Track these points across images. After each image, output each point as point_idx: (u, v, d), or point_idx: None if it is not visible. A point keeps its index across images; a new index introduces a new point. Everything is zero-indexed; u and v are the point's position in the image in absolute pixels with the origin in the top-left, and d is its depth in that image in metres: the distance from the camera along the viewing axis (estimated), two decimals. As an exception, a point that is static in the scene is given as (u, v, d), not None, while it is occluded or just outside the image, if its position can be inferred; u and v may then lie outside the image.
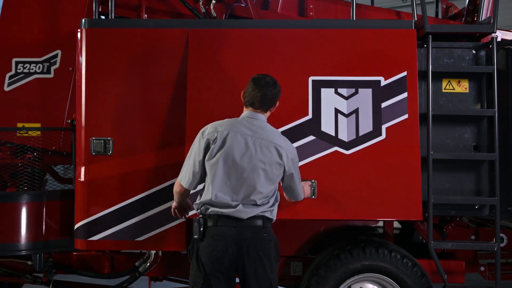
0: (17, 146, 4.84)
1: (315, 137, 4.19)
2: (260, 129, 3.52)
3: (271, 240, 3.52)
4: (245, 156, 3.45)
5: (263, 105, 3.59)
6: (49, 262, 4.70)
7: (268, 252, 3.48)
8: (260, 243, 3.46)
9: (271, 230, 3.56)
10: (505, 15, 8.77)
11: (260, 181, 3.45)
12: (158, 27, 4.34)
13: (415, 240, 5.23)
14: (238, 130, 3.49)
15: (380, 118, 4.18)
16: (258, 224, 3.46)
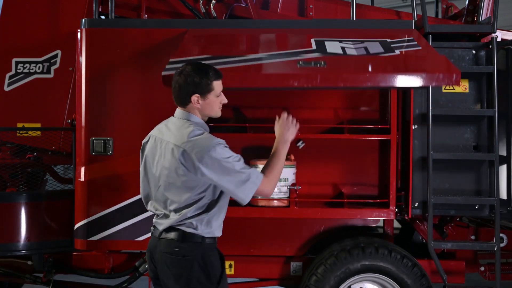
0: (17, 146, 4.84)
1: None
2: (170, 129, 3.12)
3: (185, 257, 2.98)
4: (155, 162, 3.13)
5: (175, 99, 3.14)
6: (49, 262, 4.70)
7: (180, 271, 2.99)
8: (171, 260, 3.01)
9: (192, 246, 2.99)
10: (505, 15, 8.77)
11: (170, 189, 3.04)
12: (158, 27, 4.34)
13: (415, 240, 5.23)
14: (155, 134, 3.20)
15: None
16: (171, 238, 3.02)
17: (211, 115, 3.16)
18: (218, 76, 3.11)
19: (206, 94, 3.07)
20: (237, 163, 3.00)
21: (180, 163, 2.97)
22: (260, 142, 4.56)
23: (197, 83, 3.04)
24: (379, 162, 4.58)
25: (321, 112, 4.56)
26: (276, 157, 3.16)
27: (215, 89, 3.09)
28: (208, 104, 3.10)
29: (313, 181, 4.57)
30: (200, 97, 3.07)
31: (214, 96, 3.10)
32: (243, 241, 4.63)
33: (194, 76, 3.04)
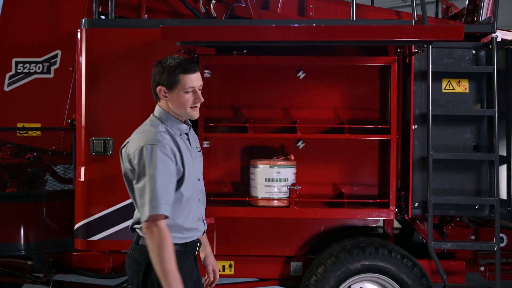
0: (17, 146, 4.84)
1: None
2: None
3: (135, 260, 2.87)
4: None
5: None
6: (49, 262, 4.71)
7: (131, 272, 2.91)
8: (127, 261, 2.96)
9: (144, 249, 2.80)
10: (505, 15, 8.77)
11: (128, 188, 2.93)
12: (158, 27, 4.33)
13: (415, 240, 5.23)
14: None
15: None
16: (133, 239, 2.97)
17: (181, 114, 2.92)
18: (188, 70, 2.85)
19: (173, 88, 2.86)
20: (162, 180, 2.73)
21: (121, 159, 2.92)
22: (260, 142, 4.57)
23: (160, 73, 2.86)
24: (379, 162, 4.58)
25: (321, 112, 4.57)
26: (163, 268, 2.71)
27: (182, 83, 2.84)
28: (175, 99, 2.87)
29: (313, 181, 4.57)
30: (167, 90, 2.87)
31: (181, 91, 2.86)
32: (243, 241, 4.63)
33: (161, 67, 2.87)
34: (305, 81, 4.56)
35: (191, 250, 2.98)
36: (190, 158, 2.95)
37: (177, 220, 2.87)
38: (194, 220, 2.97)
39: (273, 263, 4.62)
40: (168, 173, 2.77)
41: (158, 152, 2.74)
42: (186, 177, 2.88)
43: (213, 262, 3.24)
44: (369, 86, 4.57)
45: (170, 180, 2.79)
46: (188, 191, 2.90)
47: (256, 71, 4.58)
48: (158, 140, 2.78)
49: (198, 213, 3.02)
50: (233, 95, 4.60)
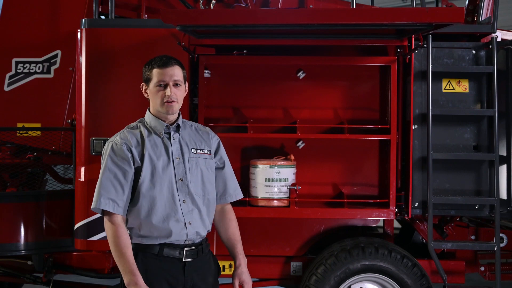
0: (17, 146, 4.84)
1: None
2: None
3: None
4: None
5: None
6: (49, 262, 4.71)
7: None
8: None
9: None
10: (505, 15, 8.78)
11: None
12: (158, 27, 4.34)
13: (415, 240, 5.23)
14: None
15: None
16: None
17: (158, 109, 2.97)
18: (162, 65, 2.92)
19: (149, 83, 2.96)
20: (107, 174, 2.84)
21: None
22: (260, 142, 4.57)
23: (144, 69, 2.98)
24: (379, 162, 4.58)
25: (321, 112, 4.57)
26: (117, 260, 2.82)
27: (153, 78, 2.92)
28: (151, 95, 2.96)
29: (313, 181, 4.57)
30: (145, 86, 2.99)
31: (152, 86, 2.93)
32: (243, 241, 4.60)
33: (145, 64, 3.00)
34: (305, 81, 4.56)
35: (168, 254, 2.91)
36: (164, 157, 2.94)
37: (142, 218, 2.88)
38: (163, 221, 2.90)
39: (273, 263, 4.62)
40: (118, 168, 2.84)
41: (110, 149, 2.88)
42: (144, 175, 2.89)
43: (240, 276, 3.14)
44: (369, 86, 4.58)
45: (121, 175, 2.85)
46: (148, 190, 2.89)
47: (256, 71, 4.58)
48: (115, 138, 2.92)
49: (172, 214, 2.92)
50: (233, 95, 4.60)
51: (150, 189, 2.90)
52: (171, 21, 3.80)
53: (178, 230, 2.92)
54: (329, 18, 3.84)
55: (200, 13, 4.32)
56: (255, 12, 4.34)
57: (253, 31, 4.30)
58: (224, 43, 4.45)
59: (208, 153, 3.10)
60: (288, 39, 4.47)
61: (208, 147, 3.12)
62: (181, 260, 2.94)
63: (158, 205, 2.91)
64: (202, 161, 3.06)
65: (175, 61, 2.98)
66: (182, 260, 2.94)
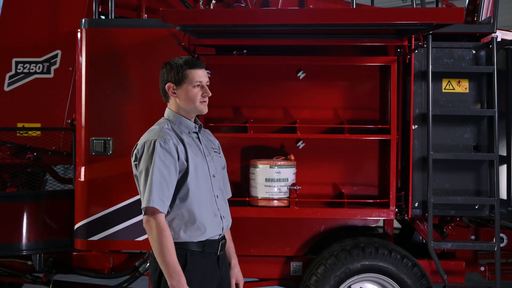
0: (17, 146, 4.84)
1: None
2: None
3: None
4: None
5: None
6: (49, 262, 4.71)
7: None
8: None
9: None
10: (505, 15, 8.77)
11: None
12: (158, 27, 4.34)
13: (415, 240, 5.23)
14: None
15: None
16: None
17: (191, 109, 3.01)
18: (194, 65, 2.97)
19: (181, 83, 2.97)
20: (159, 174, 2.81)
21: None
22: (260, 142, 4.57)
23: (169, 71, 2.99)
24: (379, 162, 4.58)
25: (321, 112, 4.57)
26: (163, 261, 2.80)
27: (189, 77, 2.95)
28: (184, 94, 2.97)
29: (313, 181, 4.57)
30: (175, 86, 2.99)
31: (189, 86, 2.96)
32: (243, 241, 4.63)
33: (169, 66, 3.01)
34: (305, 81, 4.56)
35: (209, 249, 2.96)
36: (200, 155, 2.99)
37: (191, 216, 2.91)
38: (206, 216, 2.95)
39: (273, 263, 4.62)
40: (166, 167, 2.83)
41: (158, 146, 2.84)
42: (191, 173, 2.91)
43: (237, 275, 3.20)
44: (369, 86, 4.58)
45: (168, 175, 2.84)
46: (195, 187, 2.93)
47: (256, 71, 4.58)
48: (159, 136, 2.87)
49: (212, 209, 3.00)
50: (233, 95, 4.61)
51: (196, 187, 2.93)
52: (171, 21, 3.80)
53: (217, 224, 3.02)
54: (329, 18, 3.84)
55: (200, 13, 4.32)
56: (255, 12, 4.35)
57: (253, 31, 4.30)
58: (224, 43, 4.45)
59: (219, 152, 3.22)
60: (288, 39, 4.47)
61: (217, 146, 3.24)
62: (217, 254, 3.01)
63: (204, 202, 2.96)
64: (218, 158, 3.17)
65: (203, 64, 3.08)
66: (217, 254, 3.01)
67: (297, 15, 4.02)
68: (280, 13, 4.20)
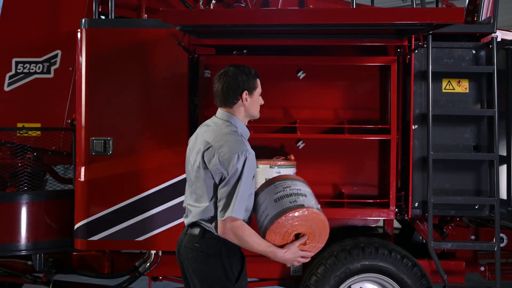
0: (17, 146, 4.84)
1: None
2: (209, 126, 3.18)
3: (203, 252, 3.03)
4: (190, 158, 3.20)
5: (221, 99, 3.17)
6: (49, 262, 4.71)
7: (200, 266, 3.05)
8: (192, 255, 3.07)
9: (212, 242, 3.03)
10: (505, 15, 8.77)
11: (196, 184, 3.10)
12: (158, 27, 4.34)
13: (415, 240, 5.23)
14: (197, 131, 3.26)
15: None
16: (193, 233, 3.09)
17: (254, 115, 3.22)
18: (258, 76, 3.21)
19: (253, 91, 3.16)
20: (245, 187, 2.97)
21: (202, 159, 3.04)
22: (261, 142, 4.57)
23: (245, 80, 3.13)
24: (379, 162, 4.58)
25: (321, 112, 4.57)
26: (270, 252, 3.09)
27: (258, 87, 3.19)
28: (254, 101, 3.18)
29: (313, 181, 4.55)
30: (248, 94, 3.15)
31: (257, 94, 3.20)
32: (243, 241, 4.62)
33: (242, 74, 3.13)
34: (305, 81, 4.56)
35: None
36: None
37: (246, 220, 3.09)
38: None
39: (273, 263, 4.58)
40: (250, 181, 3.03)
41: (248, 161, 2.99)
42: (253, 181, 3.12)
43: None
44: (369, 86, 4.58)
45: (250, 186, 3.04)
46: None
47: (256, 71, 4.57)
48: (247, 150, 3.02)
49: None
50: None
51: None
52: (171, 21, 3.80)
53: None
54: (329, 18, 3.84)
55: (200, 13, 4.32)
56: (255, 12, 4.35)
57: (253, 31, 4.30)
58: (224, 43, 4.45)
59: None
60: (288, 39, 4.47)
61: None
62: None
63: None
64: None
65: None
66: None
67: (297, 15, 4.02)
68: (280, 13, 4.20)
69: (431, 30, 4.04)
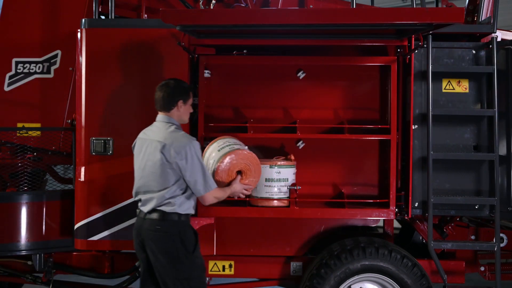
0: (17, 146, 4.84)
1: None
2: (154, 131, 3.83)
3: (166, 232, 3.71)
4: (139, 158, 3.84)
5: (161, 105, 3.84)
6: (49, 262, 4.71)
7: (163, 245, 3.71)
8: (154, 236, 3.73)
9: (170, 223, 3.71)
10: (505, 15, 8.77)
11: (153, 177, 3.73)
12: (158, 27, 4.34)
13: (415, 240, 5.23)
14: (141, 136, 3.90)
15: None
16: (153, 218, 3.73)
17: (184, 119, 3.90)
18: (192, 90, 3.97)
19: (187, 101, 3.86)
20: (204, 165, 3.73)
21: (162, 155, 3.66)
22: (260, 142, 4.57)
23: (183, 91, 3.85)
24: (379, 162, 4.58)
25: (321, 112, 4.57)
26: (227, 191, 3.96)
27: (191, 98, 3.90)
28: (186, 109, 3.87)
29: (313, 181, 4.57)
30: (183, 103, 3.84)
31: (189, 104, 3.90)
32: (243, 241, 4.63)
33: (180, 87, 3.85)
34: (305, 81, 4.56)
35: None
36: None
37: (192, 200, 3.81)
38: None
39: (273, 263, 4.62)
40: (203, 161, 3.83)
41: (196, 146, 3.72)
42: None
43: None
44: (369, 86, 4.58)
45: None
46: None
47: (256, 71, 4.59)
48: (193, 139, 3.75)
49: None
50: (233, 95, 4.61)
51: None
52: (171, 21, 3.81)
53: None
54: (329, 18, 3.84)
55: (200, 13, 4.32)
56: (255, 12, 4.35)
57: (253, 31, 4.30)
58: (224, 43, 4.45)
59: None
60: (288, 39, 4.47)
61: None
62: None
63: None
64: None
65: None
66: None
67: (297, 15, 4.02)
68: (280, 13, 4.20)
69: (431, 30, 4.04)
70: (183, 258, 3.69)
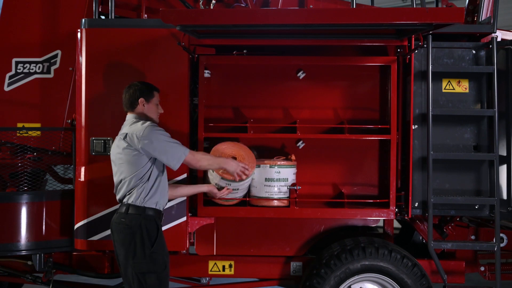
0: (17, 146, 4.84)
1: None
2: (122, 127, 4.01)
3: (127, 225, 3.83)
4: (112, 151, 4.02)
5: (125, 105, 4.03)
6: (49, 262, 4.70)
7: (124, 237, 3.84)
8: (118, 228, 3.88)
9: (134, 216, 3.84)
10: (505, 15, 8.79)
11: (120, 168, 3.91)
12: (158, 27, 4.34)
13: (415, 240, 5.23)
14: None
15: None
16: (120, 211, 3.90)
17: (152, 118, 4.01)
18: (157, 90, 4.07)
19: (149, 100, 3.99)
20: (168, 138, 3.87)
21: (126, 143, 3.83)
22: (260, 142, 4.57)
23: (143, 89, 4.00)
24: (379, 162, 4.58)
25: (321, 112, 4.57)
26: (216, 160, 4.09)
27: (155, 98, 4.03)
28: (150, 108, 4.00)
29: (313, 181, 4.57)
30: (145, 101, 3.98)
31: (154, 103, 4.02)
32: (243, 241, 4.63)
33: (141, 86, 4.02)
34: (305, 81, 4.56)
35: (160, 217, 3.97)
36: None
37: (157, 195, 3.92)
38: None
39: (273, 263, 4.62)
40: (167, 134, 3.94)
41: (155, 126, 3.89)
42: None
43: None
44: (369, 86, 4.58)
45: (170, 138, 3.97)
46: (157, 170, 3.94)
47: (256, 71, 4.59)
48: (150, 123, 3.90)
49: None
50: (233, 95, 4.61)
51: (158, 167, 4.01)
52: (171, 21, 3.81)
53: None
54: (329, 18, 3.84)
55: (200, 13, 4.32)
56: (255, 12, 4.35)
57: (253, 31, 4.30)
58: (224, 43, 4.46)
59: None
60: (288, 39, 4.47)
61: None
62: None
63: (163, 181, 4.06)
64: None
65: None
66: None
67: (297, 15, 4.02)
68: (280, 13, 4.20)
69: (431, 30, 4.04)
70: (140, 253, 3.78)
